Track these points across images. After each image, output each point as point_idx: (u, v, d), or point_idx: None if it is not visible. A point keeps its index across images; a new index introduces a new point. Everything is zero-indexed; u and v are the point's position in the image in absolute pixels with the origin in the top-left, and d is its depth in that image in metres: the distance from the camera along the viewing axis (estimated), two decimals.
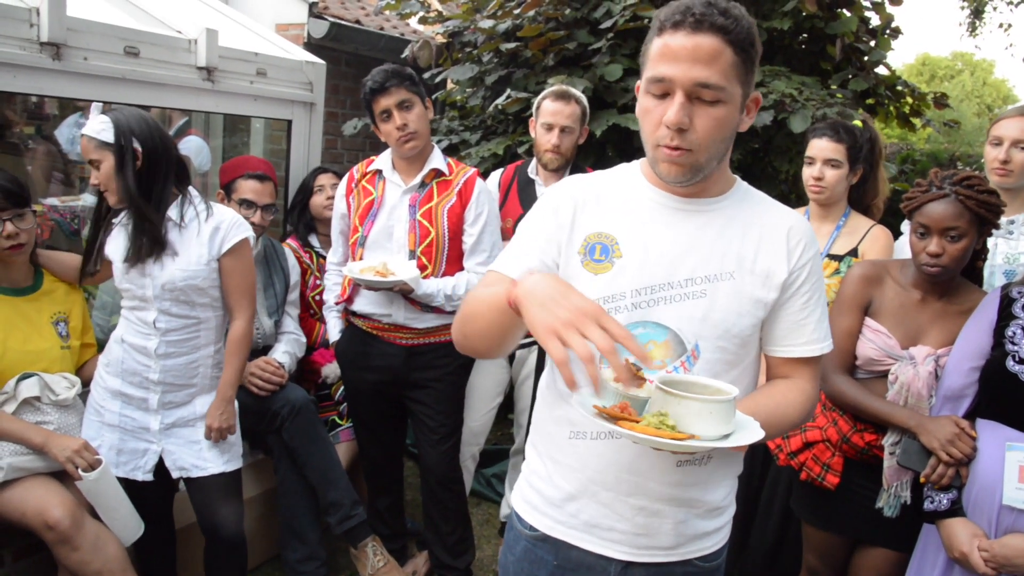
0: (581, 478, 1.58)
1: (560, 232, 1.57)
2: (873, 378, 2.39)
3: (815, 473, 2.48)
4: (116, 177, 2.45)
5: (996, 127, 2.85)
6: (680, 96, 1.40)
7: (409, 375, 3.02)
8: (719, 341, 1.52)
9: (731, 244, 1.54)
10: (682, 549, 1.60)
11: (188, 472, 2.65)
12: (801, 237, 1.57)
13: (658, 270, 1.51)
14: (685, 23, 1.38)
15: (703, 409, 1.31)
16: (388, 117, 2.88)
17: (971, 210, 2.21)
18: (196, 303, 2.57)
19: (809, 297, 1.57)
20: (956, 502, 2.13)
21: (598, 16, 4.19)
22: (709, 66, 1.38)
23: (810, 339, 1.59)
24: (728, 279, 1.52)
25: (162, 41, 3.15)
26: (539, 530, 1.65)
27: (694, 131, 1.42)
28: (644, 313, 1.51)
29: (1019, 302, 2.14)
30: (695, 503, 1.58)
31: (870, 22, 4.88)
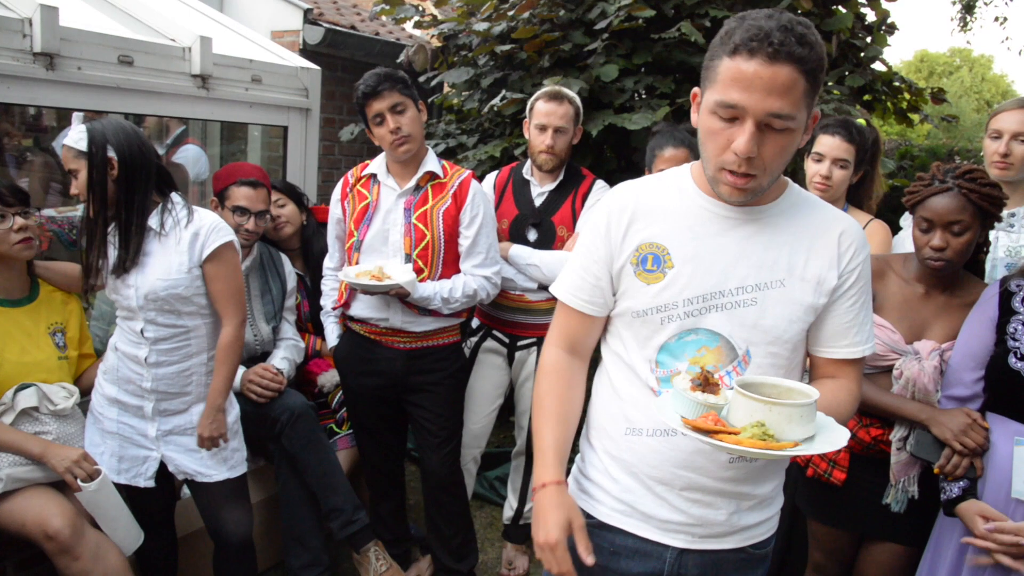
0: (636, 472, 1.64)
1: (612, 247, 1.63)
2: (877, 373, 2.38)
3: (821, 469, 2.47)
4: (91, 187, 2.42)
5: (995, 120, 2.84)
6: (751, 126, 1.40)
7: (408, 379, 3.01)
8: (770, 347, 1.56)
9: (782, 251, 1.56)
10: (735, 537, 1.66)
11: (193, 477, 2.64)
12: (852, 242, 1.59)
13: (709, 279, 1.55)
14: (762, 51, 1.36)
15: (793, 414, 1.34)
16: (381, 121, 2.87)
17: (974, 203, 2.20)
18: (182, 312, 2.54)
19: (855, 300, 1.60)
20: (968, 489, 2.12)
21: (593, 17, 4.18)
22: (783, 97, 1.38)
23: (855, 341, 1.62)
24: (779, 287, 1.55)
25: (156, 49, 3.16)
26: (596, 518, 1.71)
27: (760, 158, 1.43)
28: (696, 321, 1.55)
29: (1018, 296, 2.13)
30: (746, 496, 1.63)
31: (866, 18, 4.87)
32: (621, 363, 1.66)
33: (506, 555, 3.52)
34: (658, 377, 1.58)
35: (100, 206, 2.45)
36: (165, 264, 2.49)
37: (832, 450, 1.35)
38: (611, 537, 1.69)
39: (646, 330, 1.54)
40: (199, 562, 2.95)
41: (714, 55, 1.44)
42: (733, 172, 1.45)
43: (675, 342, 1.56)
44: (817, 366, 1.68)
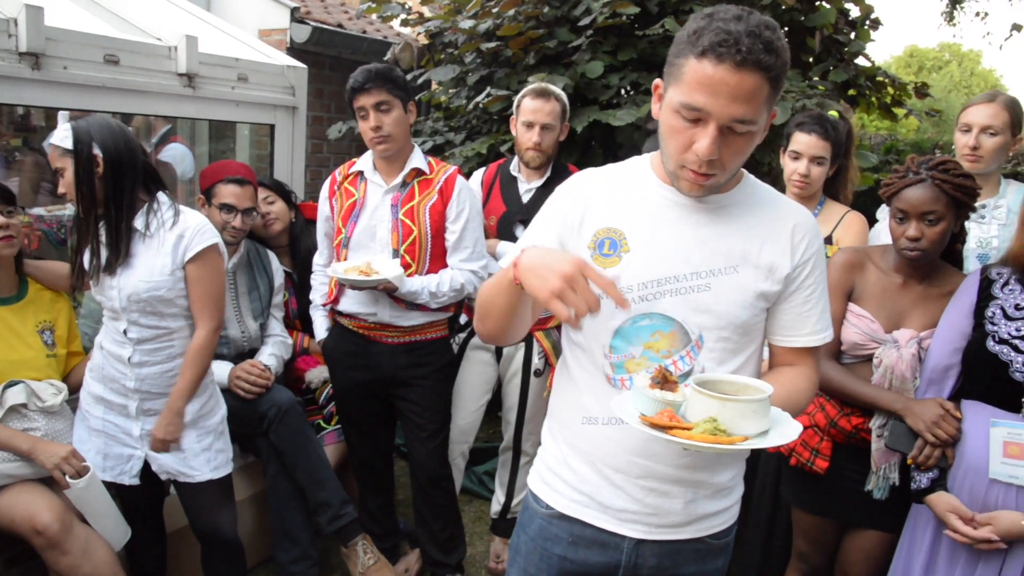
0: (594, 461, 1.66)
1: (568, 229, 1.64)
2: (858, 362, 2.42)
3: (804, 458, 2.50)
4: (77, 185, 2.42)
5: (964, 114, 2.90)
6: (714, 130, 1.42)
7: (396, 373, 3.03)
8: (723, 332, 1.58)
9: (736, 239, 1.58)
10: (692, 527, 1.67)
11: (175, 477, 2.65)
12: (806, 233, 1.62)
13: (664, 264, 1.57)
14: (730, 58, 1.36)
15: (746, 409, 1.36)
16: (365, 116, 2.89)
17: (947, 194, 2.24)
18: (164, 313, 2.53)
19: (812, 290, 1.63)
20: (937, 480, 2.16)
21: (578, 14, 4.21)
22: (747, 103, 1.40)
23: (813, 330, 1.66)
24: (732, 273, 1.57)
25: (142, 49, 3.17)
26: (555, 508, 1.72)
27: (721, 159, 1.46)
28: (650, 305, 1.57)
29: (998, 283, 2.16)
30: (703, 484, 1.65)
31: (849, 14, 4.90)
32: (578, 351, 1.67)
33: (494, 549, 3.55)
34: (612, 363, 1.60)
35: (88, 204, 2.44)
36: (148, 266, 2.49)
37: (783, 443, 1.37)
38: (570, 527, 1.70)
39: (601, 314, 1.52)
40: (189, 557, 2.96)
41: (680, 52, 1.45)
42: (694, 171, 1.48)
43: (629, 326, 1.58)
44: (776, 354, 1.71)
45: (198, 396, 2.65)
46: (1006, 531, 1.98)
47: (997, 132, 2.83)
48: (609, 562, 1.69)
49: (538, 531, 1.75)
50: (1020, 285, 2.12)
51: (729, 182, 1.59)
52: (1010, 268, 2.17)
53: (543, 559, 1.73)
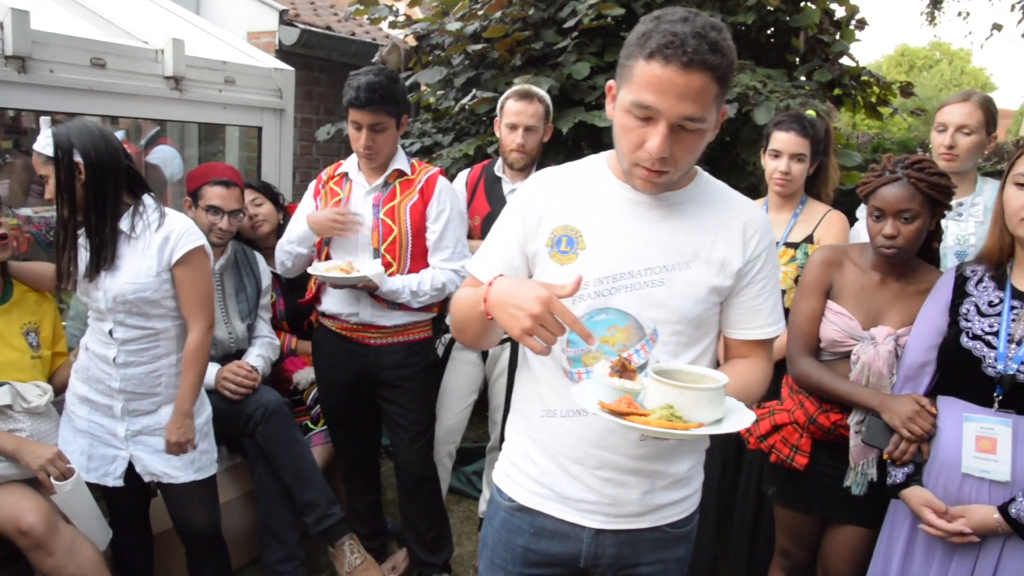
0: (553, 453, 1.69)
1: (528, 229, 1.69)
2: (837, 359, 2.45)
3: (784, 455, 2.53)
4: (59, 191, 2.42)
5: (940, 114, 2.93)
6: (664, 128, 1.46)
7: (380, 374, 3.06)
8: (676, 326, 1.62)
9: (689, 235, 1.62)
10: (650, 516, 1.71)
11: (159, 478, 2.66)
12: (757, 229, 1.66)
13: (619, 260, 1.61)
14: (677, 59, 1.41)
15: (702, 397, 1.40)
16: (358, 129, 2.90)
17: (922, 192, 2.27)
18: (150, 314, 2.55)
19: (764, 285, 1.68)
20: (912, 475, 2.19)
21: (564, 16, 4.23)
22: (696, 102, 1.44)
23: (765, 323, 1.71)
24: (685, 268, 1.61)
25: (128, 52, 3.19)
26: (516, 501, 1.76)
27: (673, 156, 1.49)
28: (606, 300, 1.61)
29: (972, 280, 2.19)
30: (660, 475, 1.69)
31: (834, 14, 4.94)
32: None
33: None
34: (569, 357, 1.64)
35: (70, 210, 2.45)
36: (134, 268, 2.50)
37: (735, 430, 1.41)
38: (532, 519, 1.75)
39: None
40: (176, 559, 2.97)
41: (630, 55, 1.49)
42: (647, 169, 1.52)
43: (586, 321, 1.62)
44: (731, 347, 1.76)
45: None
46: (978, 525, 2.01)
47: (972, 131, 2.86)
48: (570, 552, 1.73)
49: (502, 523, 1.80)
50: (994, 282, 2.15)
51: (683, 179, 1.63)
52: (984, 265, 2.20)
53: (508, 550, 1.78)
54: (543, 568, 1.77)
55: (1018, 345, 2.02)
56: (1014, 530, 1.97)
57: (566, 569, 1.77)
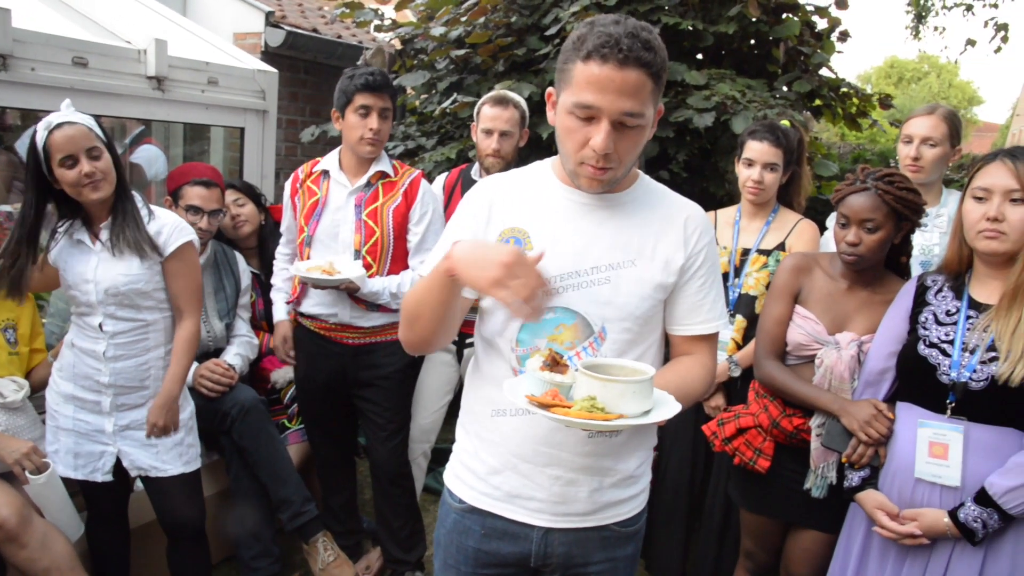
0: (503, 452, 1.73)
1: (477, 232, 1.72)
2: (802, 363, 2.50)
3: (747, 457, 2.58)
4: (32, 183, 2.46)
5: (906, 126, 3.00)
6: (606, 125, 1.53)
7: (357, 374, 3.09)
8: (623, 323, 1.67)
9: (633, 234, 1.68)
10: (598, 515, 1.75)
11: (147, 472, 2.68)
12: (697, 225, 1.73)
13: (566, 260, 1.65)
14: (613, 57, 1.48)
15: (626, 390, 1.44)
16: (365, 114, 2.93)
17: (888, 204, 2.33)
18: (141, 306, 2.58)
19: (705, 280, 1.73)
20: (867, 479, 2.24)
21: (547, 23, 4.28)
22: (633, 97, 1.51)
23: (707, 318, 1.75)
24: (630, 266, 1.67)
25: (111, 51, 3.22)
26: (466, 502, 1.79)
27: (615, 152, 1.56)
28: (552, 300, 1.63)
29: (932, 290, 2.24)
30: (608, 472, 1.72)
31: (816, 26, 5.00)
32: (487, 346, 1.76)
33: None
34: (518, 356, 1.68)
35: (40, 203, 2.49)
36: (127, 260, 2.53)
37: (657, 422, 1.46)
38: (482, 520, 1.78)
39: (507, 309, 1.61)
40: (152, 554, 3.00)
41: (567, 59, 1.56)
42: (593, 167, 1.57)
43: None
44: (674, 344, 1.80)
45: None
46: (929, 528, 2.06)
47: (937, 143, 2.92)
48: (520, 552, 1.76)
49: (453, 525, 1.82)
50: (952, 292, 2.20)
51: (625, 181, 1.70)
52: (944, 276, 2.25)
53: (459, 551, 1.81)
54: (495, 568, 1.80)
55: (972, 354, 2.07)
56: (962, 534, 2.02)
57: (517, 569, 1.80)
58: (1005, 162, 2.06)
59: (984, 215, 2.05)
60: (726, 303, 2.92)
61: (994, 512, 1.98)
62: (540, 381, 1.50)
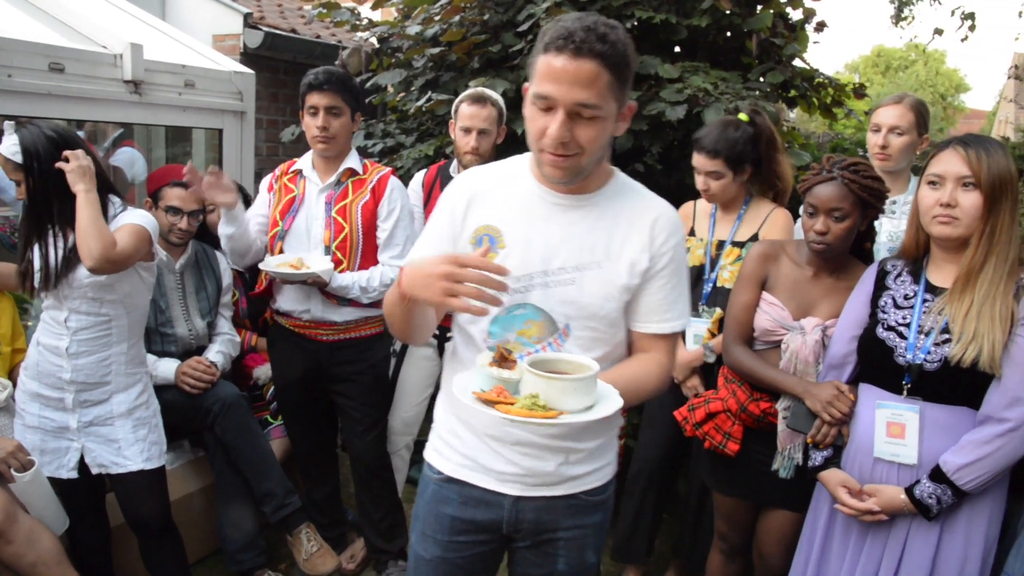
0: (477, 430, 1.82)
1: (455, 228, 1.80)
2: (769, 348, 2.56)
3: (717, 441, 2.64)
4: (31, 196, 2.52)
5: (875, 115, 3.05)
6: (561, 114, 1.58)
7: (333, 370, 3.16)
8: (588, 322, 1.74)
9: (600, 236, 1.74)
10: (565, 485, 1.84)
11: (107, 469, 2.73)
12: (665, 226, 1.78)
13: (535, 259, 1.73)
14: (567, 48, 1.54)
15: (568, 387, 1.49)
16: (315, 114, 3.01)
17: (854, 193, 2.38)
18: (104, 300, 2.62)
19: (667, 280, 1.78)
20: (830, 458, 2.31)
21: (522, 19, 4.32)
22: (588, 88, 1.57)
23: (666, 317, 1.80)
24: (596, 268, 1.73)
25: (87, 57, 3.26)
26: (444, 473, 1.89)
27: (575, 141, 1.61)
28: (523, 296, 1.73)
29: (892, 274, 2.30)
30: (571, 451, 1.81)
31: (789, 17, 5.05)
32: (464, 334, 1.84)
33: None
34: (489, 347, 1.76)
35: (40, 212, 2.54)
36: None
37: (594, 418, 1.51)
38: (459, 489, 1.87)
39: None
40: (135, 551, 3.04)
41: (534, 53, 1.63)
42: (552, 154, 1.63)
43: (505, 315, 1.75)
44: (634, 340, 1.86)
45: (133, 386, 2.76)
46: (886, 504, 2.13)
47: (904, 132, 2.97)
48: (494, 518, 1.86)
49: (432, 495, 1.92)
50: (911, 276, 2.26)
51: (598, 179, 1.76)
52: (903, 261, 2.31)
53: (437, 520, 1.90)
54: (470, 535, 1.90)
55: (927, 336, 2.13)
56: (918, 510, 2.09)
57: (491, 535, 1.90)
58: (957, 149, 2.11)
59: (937, 201, 2.11)
60: (701, 295, 3.00)
61: (948, 488, 2.05)
62: (488, 377, 1.57)
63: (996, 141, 2.17)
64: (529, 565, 1.94)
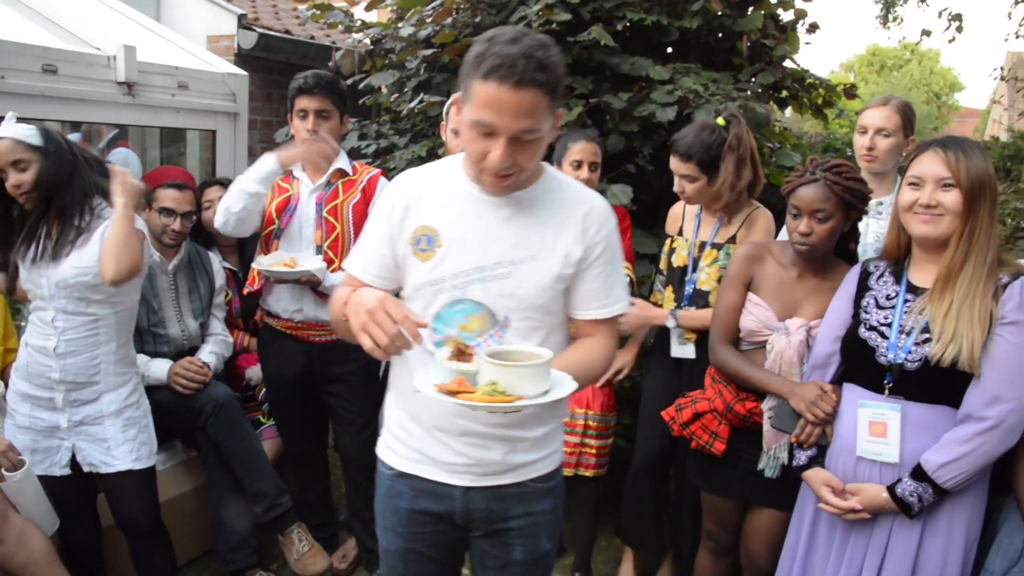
0: (424, 423, 1.88)
1: (393, 229, 1.85)
2: (755, 349, 2.59)
3: (703, 441, 2.67)
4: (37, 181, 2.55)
5: (862, 117, 3.07)
6: (504, 142, 1.63)
7: (324, 370, 3.18)
8: (525, 312, 1.81)
9: (534, 230, 1.81)
10: (512, 473, 1.91)
11: (97, 468, 2.75)
12: (596, 218, 1.84)
13: (472, 256, 1.79)
14: (508, 79, 1.57)
15: (524, 373, 1.57)
16: (304, 117, 3.05)
17: (837, 194, 2.41)
18: (91, 300, 2.64)
19: (603, 269, 1.86)
20: (814, 458, 2.34)
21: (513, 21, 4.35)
22: (529, 116, 1.62)
23: (605, 303, 1.89)
24: (531, 261, 1.80)
25: (80, 58, 3.28)
26: (395, 468, 1.95)
27: (515, 163, 1.67)
28: (462, 292, 1.80)
29: (875, 275, 2.33)
30: (517, 439, 1.88)
31: (780, 19, 5.08)
32: None
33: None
34: (434, 342, 1.81)
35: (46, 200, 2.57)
36: (77, 254, 2.59)
37: (551, 400, 1.59)
38: (410, 483, 1.94)
39: (423, 301, 1.79)
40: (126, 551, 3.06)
41: (468, 75, 1.64)
42: (493, 175, 1.69)
43: (446, 311, 1.81)
44: (577, 326, 1.94)
45: (123, 386, 2.77)
46: (869, 503, 2.16)
47: (890, 134, 3.00)
48: (446, 509, 1.92)
49: (386, 491, 1.98)
50: (893, 277, 2.29)
51: (530, 179, 1.81)
52: (885, 261, 2.34)
53: (395, 514, 1.96)
54: (427, 526, 1.95)
55: (908, 336, 2.16)
56: (900, 508, 2.12)
57: (447, 525, 1.95)
58: (937, 151, 2.14)
59: (917, 201, 2.14)
60: (683, 296, 3.02)
61: (928, 486, 2.08)
62: (447, 370, 1.63)
63: (975, 143, 2.20)
64: (487, 557, 2.00)
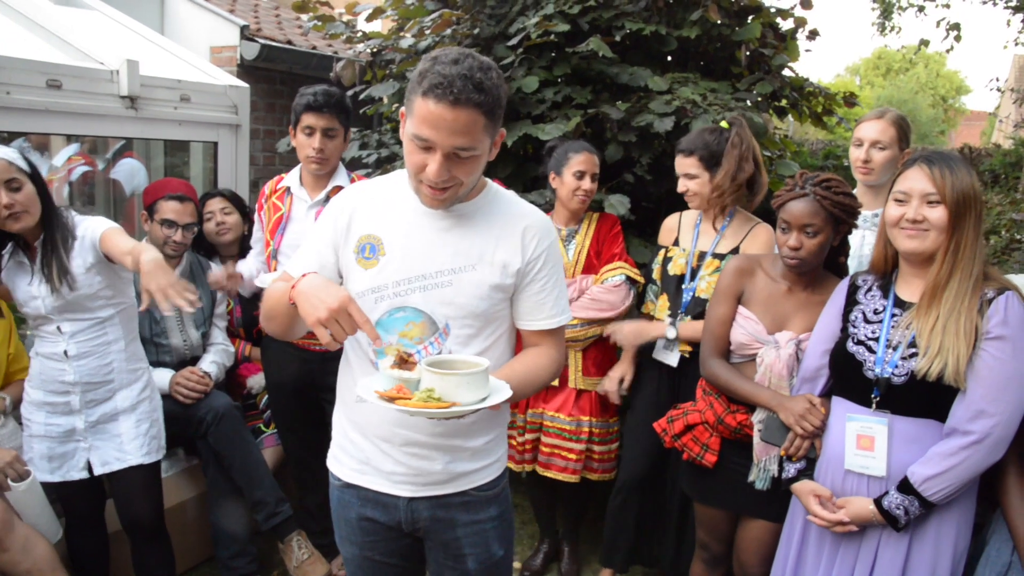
0: (367, 433, 1.93)
1: (338, 236, 1.91)
2: (745, 361, 2.62)
3: (695, 452, 2.70)
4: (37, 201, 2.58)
5: (857, 130, 3.09)
6: (440, 157, 1.69)
7: (325, 379, 3.19)
8: (465, 320, 1.86)
9: (475, 241, 1.86)
10: (454, 483, 1.96)
11: (110, 466, 2.80)
12: (535, 234, 1.91)
13: (414, 264, 1.85)
14: (446, 98, 1.63)
15: (460, 381, 1.63)
16: (310, 134, 3.08)
17: (826, 209, 2.44)
18: (91, 307, 2.69)
19: (546, 281, 1.92)
20: (803, 470, 2.36)
21: (512, 32, 4.39)
22: (465, 135, 1.67)
23: (550, 314, 1.95)
24: (471, 270, 1.85)
25: (84, 73, 3.32)
26: (342, 479, 2.00)
27: (453, 176, 1.72)
28: (403, 299, 1.85)
29: (863, 289, 2.36)
30: (458, 449, 1.93)
31: (780, 28, 5.10)
32: (352, 340, 1.94)
33: None
34: (375, 350, 1.87)
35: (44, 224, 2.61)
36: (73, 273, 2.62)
37: (485, 407, 1.64)
38: (357, 493, 1.99)
39: (364, 308, 1.77)
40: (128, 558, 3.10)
41: (412, 90, 1.70)
42: (431, 187, 1.75)
43: (387, 318, 1.86)
44: (524, 337, 2.00)
45: (135, 382, 2.83)
46: (856, 515, 2.18)
47: (885, 147, 3.02)
48: (392, 519, 1.97)
49: (336, 502, 2.05)
50: (880, 291, 2.31)
51: (472, 192, 1.87)
52: (873, 275, 2.36)
53: (347, 524, 2.03)
54: (378, 535, 2.01)
55: (895, 350, 2.19)
56: (887, 521, 2.14)
57: (397, 533, 2.00)
58: (922, 167, 2.17)
59: (903, 216, 2.17)
60: (680, 304, 3.05)
61: (915, 499, 2.10)
62: (390, 378, 1.69)
63: (960, 158, 2.22)
64: (442, 568, 2.04)
